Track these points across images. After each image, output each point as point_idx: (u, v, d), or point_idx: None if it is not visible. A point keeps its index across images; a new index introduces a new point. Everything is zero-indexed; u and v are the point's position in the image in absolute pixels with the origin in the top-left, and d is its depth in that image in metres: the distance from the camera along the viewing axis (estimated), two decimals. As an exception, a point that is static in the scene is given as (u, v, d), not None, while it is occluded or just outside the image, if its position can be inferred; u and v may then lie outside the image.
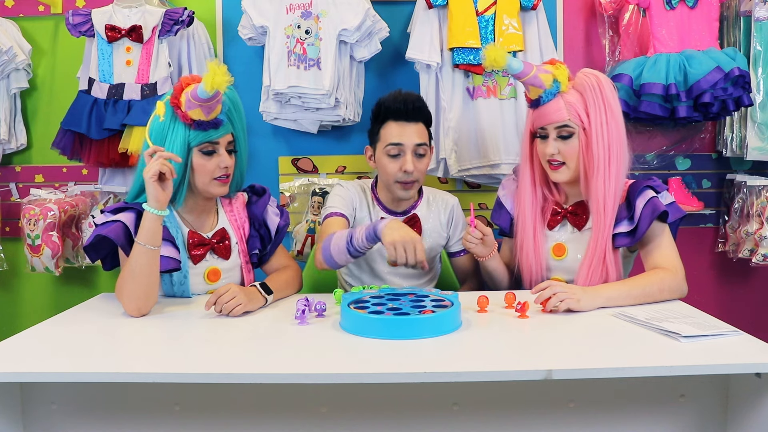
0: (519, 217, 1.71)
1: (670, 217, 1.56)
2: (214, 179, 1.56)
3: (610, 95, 1.56)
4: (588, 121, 1.56)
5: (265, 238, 1.70)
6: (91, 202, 2.44)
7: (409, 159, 1.77)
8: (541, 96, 1.59)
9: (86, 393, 1.24)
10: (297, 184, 2.45)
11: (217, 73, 1.39)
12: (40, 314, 2.44)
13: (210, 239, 1.61)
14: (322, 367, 1.12)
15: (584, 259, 1.58)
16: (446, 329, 1.28)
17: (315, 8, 2.24)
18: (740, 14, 2.32)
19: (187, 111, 1.47)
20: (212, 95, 1.43)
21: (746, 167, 2.50)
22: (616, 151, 1.56)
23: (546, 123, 1.60)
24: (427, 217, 1.91)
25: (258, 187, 1.75)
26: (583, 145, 1.57)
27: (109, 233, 1.44)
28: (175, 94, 1.49)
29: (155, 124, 1.51)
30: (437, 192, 1.98)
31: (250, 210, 1.70)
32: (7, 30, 2.37)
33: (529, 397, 1.23)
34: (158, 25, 2.26)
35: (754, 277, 2.57)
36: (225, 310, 1.40)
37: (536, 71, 1.57)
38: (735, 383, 1.20)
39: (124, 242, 1.46)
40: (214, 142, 1.53)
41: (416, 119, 1.80)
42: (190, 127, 1.50)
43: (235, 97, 1.57)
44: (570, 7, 2.49)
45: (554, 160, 1.61)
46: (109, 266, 1.59)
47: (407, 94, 1.81)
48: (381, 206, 1.89)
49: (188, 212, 1.62)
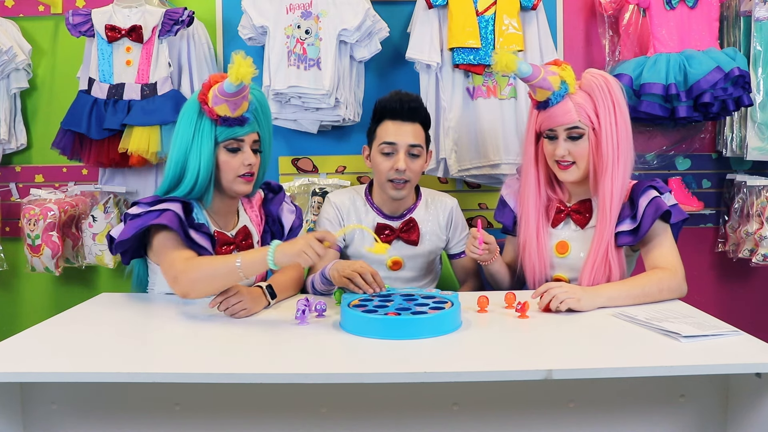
0: (522, 216, 1.71)
1: (673, 218, 1.57)
2: (239, 177, 1.57)
3: (619, 95, 1.58)
4: (597, 121, 1.57)
5: (277, 234, 1.72)
6: (91, 202, 2.43)
7: (402, 158, 1.77)
8: (549, 98, 1.58)
9: (86, 393, 1.24)
10: (297, 184, 2.45)
11: (242, 65, 1.40)
12: (40, 314, 2.44)
13: (234, 238, 1.62)
14: (322, 367, 1.12)
15: (588, 257, 1.59)
16: (446, 329, 1.28)
17: (315, 8, 2.24)
18: (740, 14, 2.32)
19: (213, 107, 1.49)
20: (238, 89, 1.44)
21: (746, 167, 2.49)
22: (624, 150, 1.57)
23: (556, 125, 1.60)
24: (426, 219, 1.90)
25: (274, 184, 1.77)
26: (593, 145, 1.58)
27: (162, 221, 1.45)
28: (203, 90, 1.51)
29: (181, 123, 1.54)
30: (436, 194, 1.98)
31: (266, 207, 1.73)
32: (7, 30, 2.37)
33: (529, 397, 1.23)
34: (158, 25, 2.26)
35: (754, 277, 2.57)
36: (229, 312, 1.41)
37: (544, 74, 1.56)
38: (735, 383, 1.20)
39: (179, 228, 1.47)
40: (239, 139, 1.55)
41: (413, 119, 1.80)
42: (216, 123, 1.52)
43: (262, 99, 1.60)
44: (570, 7, 2.49)
45: (564, 161, 1.61)
46: (128, 260, 1.60)
47: (405, 94, 1.82)
48: (376, 210, 1.89)
49: (214, 212, 1.63)
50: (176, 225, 1.46)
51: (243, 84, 1.44)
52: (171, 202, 1.50)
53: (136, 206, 1.52)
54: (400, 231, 1.86)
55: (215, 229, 1.61)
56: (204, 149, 1.52)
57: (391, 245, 1.85)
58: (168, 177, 1.56)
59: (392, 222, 1.88)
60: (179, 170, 1.54)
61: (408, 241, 1.86)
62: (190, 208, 1.53)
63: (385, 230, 1.86)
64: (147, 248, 1.57)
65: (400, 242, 1.87)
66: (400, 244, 1.87)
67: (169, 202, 1.50)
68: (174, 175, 1.55)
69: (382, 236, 1.85)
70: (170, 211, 1.48)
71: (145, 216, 1.48)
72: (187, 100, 1.59)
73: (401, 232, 1.86)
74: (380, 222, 1.87)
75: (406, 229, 1.86)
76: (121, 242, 1.51)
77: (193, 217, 1.53)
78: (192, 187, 1.54)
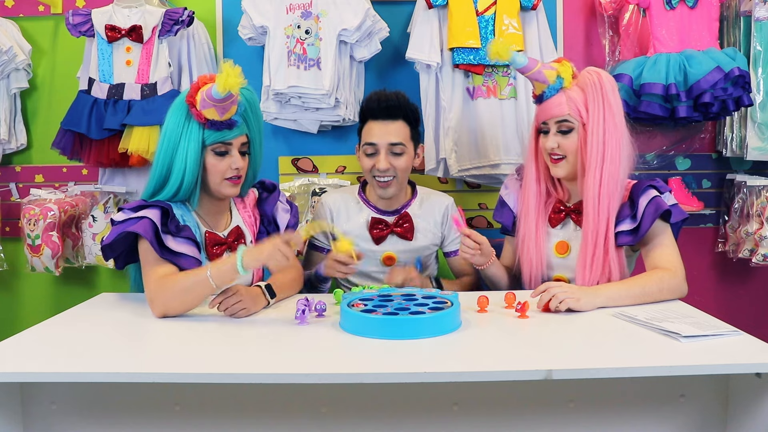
0: (522, 212, 1.72)
1: (673, 218, 1.57)
2: (225, 179, 1.55)
3: (610, 92, 1.57)
4: (587, 116, 1.58)
5: (273, 234, 1.70)
6: (91, 202, 2.43)
7: (382, 158, 1.80)
8: (544, 91, 1.61)
9: (86, 393, 1.24)
10: (297, 184, 2.45)
11: (231, 75, 1.38)
12: (40, 314, 2.43)
13: (226, 238, 1.61)
14: (322, 367, 1.12)
15: (579, 258, 1.59)
16: (446, 329, 1.28)
17: (315, 8, 2.24)
18: (740, 14, 2.32)
19: (201, 110, 1.47)
20: (225, 96, 1.43)
21: (746, 167, 2.49)
22: (613, 148, 1.56)
23: (547, 117, 1.62)
24: (420, 215, 1.92)
25: (268, 183, 1.76)
26: (582, 140, 1.59)
27: (137, 229, 1.44)
28: (191, 92, 1.49)
29: (168, 123, 1.52)
30: (432, 192, 2.00)
31: (261, 207, 1.72)
32: (7, 30, 2.37)
33: (529, 397, 1.23)
34: (158, 25, 2.26)
35: (754, 277, 2.57)
36: (229, 312, 1.41)
37: (540, 67, 1.60)
38: (735, 383, 1.20)
39: (153, 238, 1.45)
40: (227, 142, 1.53)
41: (393, 117, 1.81)
42: (204, 126, 1.50)
43: (252, 99, 1.57)
44: (570, 7, 2.49)
45: (555, 154, 1.63)
46: (122, 264, 1.58)
47: (386, 92, 1.84)
48: (371, 207, 1.91)
49: (204, 213, 1.62)
50: (150, 235, 1.44)
51: (231, 93, 1.43)
52: (151, 208, 1.48)
53: (121, 212, 1.51)
54: (395, 226, 1.88)
55: (206, 229, 1.60)
56: (191, 152, 1.50)
57: (385, 240, 1.88)
58: (153, 178, 1.54)
59: (387, 217, 1.90)
60: (165, 171, 1.52)
61: (402, 236, 1.88)
62: (172, 212, 1.50)
63: (380, 224, 1.88)
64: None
65: (394, 237, 1.89)
66: (395, 239, 1.89)
67: (150, 209, 1.48)
68: (159, 176, 1.53)
69: (376, 230, 1.87)
70: (146, 218, 1.46)
71: (125, 222, 1.47)
72: (175, 100, 1.56)
73: (395, 227, 1.88)
74: (374, 216, 1.89)
75: (400, 224, 1.88)
76: (108, 248, 1.51)
77: (177, 219, 1.51)
78: (177, 189, 1.52)
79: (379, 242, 1.88)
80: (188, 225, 1.53)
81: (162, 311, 1.42)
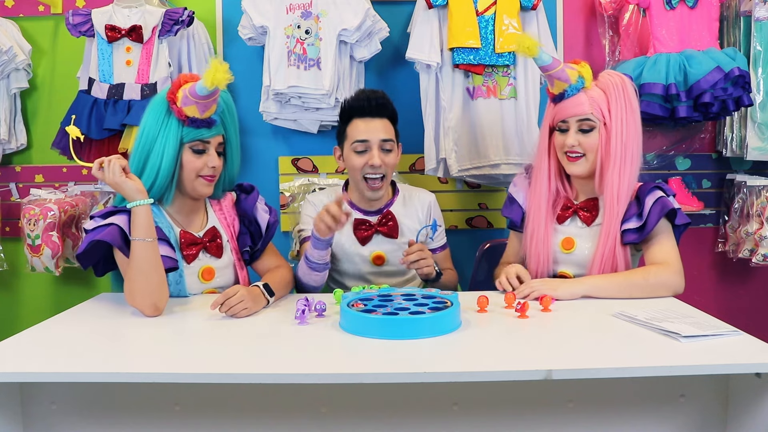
0: (531, 208, 1.74)
1: (678, 219, 1.60)
2: (200, 176, 1.56)
3: (633, 97, 1.62)
4: (609, 117, 1.61)
5: (255, 234, 1.71)
6: (91, 202, 2.44)
7: (376, 154, 1.79)
8: (565, 90, 1.63)
9: (86, 393, 1.24)
10: (297, 184, 2.45)
11: (219, 70, 1.40)
12: (40, 314, 2.42)
13: (201, 238, 1.62)
14: (322, 367, 1.12)
15: (596, 253, 1.62)
16: (446, 329, 1.28)
17: (315, 8, 2.24)
18: (740, 14, 2.32)
19: (182, 107, 1.49)
20: (210, 92, 1.45)
21: (746, 167, 2.50)
22: (632, 149, 1.61)
23: (568, 116, 1.63)
24: (404, 213, 1.92)
25: (246, 185, 1.76)
26: (603, 140, 1.62)
27: (104, 237, 1.43)
28: (172, 89, 1.51)
29: (147, 119, 1.54)
30: (413, 189, 2.00)
31: (240, 207, 1.71)
32: (7, 30, 2.37)
33: (529, 397, 1.23)
34: (158, 25, 2.26)
35: (754, 277, 2.57)
36: (231, 312, 1.41)
37: (563, 66, 1.62)
38: (735, 383, 1.20)
39: (122, 244, 1.45)
40: (205, 141, 1.55)
41: (381, 115, 1.83)
42: (183, 124, 1.52)
43: (229, 101, 1.60)
44: (570, 7, 2.49)
45: (573, 152, 1.64)
46: (101, 272, 1.57)
47: (370, 91, 1.86)
48: (353, 207, 1.90)
49: (177, 212, 1.63)
50: (118, 242, 1.44)
51: (216, 88, 1.45)
52: (119, 214, 1.47)
53: (92, 220, 1.50)
54: (378, 225, 1.87)
55: (180, 229, 1.60)
56: (168, 148, 1.51)
57: (371, 240, 1.88)
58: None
59: (370, 217, 1.89)
60: (140, 167, 1.53)
61: (387, 235, 1.87)
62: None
63: (363, 225, 1.87)
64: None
65: (379, 236, 1.88)
66: (380, 238, 1.88)
67: (118, 214, 1.47)
68: (135, 171, 1.52)
69: (360, 231, 1.87)
70: (113, 225, 1.45)
71: (94, 231, 1.46)
72: (154, 97, 1.57)
73: (379, 226, 1.87)
74: (358, 218, 1.88)
75: (384, 223, 1.87)
76: (83, 258, 1.50)
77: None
78: (151, 186, 1.52)
79: (364, 243, 1.88)
80: (159, 226, 1.53)
81: (146, 306, 1.42)
